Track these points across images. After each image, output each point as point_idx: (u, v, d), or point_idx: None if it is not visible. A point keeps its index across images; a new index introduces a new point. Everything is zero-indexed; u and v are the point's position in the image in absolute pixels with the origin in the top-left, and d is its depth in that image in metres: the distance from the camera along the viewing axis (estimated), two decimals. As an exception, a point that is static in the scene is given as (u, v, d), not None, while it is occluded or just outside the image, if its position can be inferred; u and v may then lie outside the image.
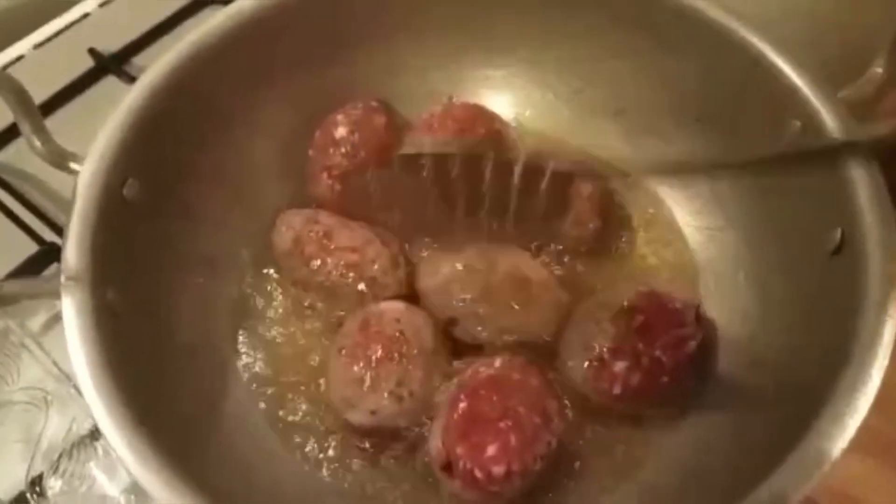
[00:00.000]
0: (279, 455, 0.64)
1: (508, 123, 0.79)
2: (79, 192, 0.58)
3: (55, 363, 0.73)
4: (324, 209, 0.73)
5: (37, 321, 0.77)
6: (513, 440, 0.57)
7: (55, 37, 1.03)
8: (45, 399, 0.71)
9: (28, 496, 0.67)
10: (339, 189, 0.73)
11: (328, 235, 0.69)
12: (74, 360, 0.53)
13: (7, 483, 0.68)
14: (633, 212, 0.75)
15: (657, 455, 0.63)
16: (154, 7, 1.03)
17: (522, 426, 0.57)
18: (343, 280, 0.68)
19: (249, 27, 0.70)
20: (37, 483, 0.68)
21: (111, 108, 0.63)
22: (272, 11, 0.71)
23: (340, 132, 0.73)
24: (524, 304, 0.66)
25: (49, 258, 0.80)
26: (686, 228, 0.74)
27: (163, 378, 0.59)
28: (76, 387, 0.67)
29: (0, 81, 0.63)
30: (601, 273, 0.72)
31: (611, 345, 0.62)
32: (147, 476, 0.50)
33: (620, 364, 0.62)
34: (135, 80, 0.65)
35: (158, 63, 0.66)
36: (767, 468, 0.50)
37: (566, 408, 0.63)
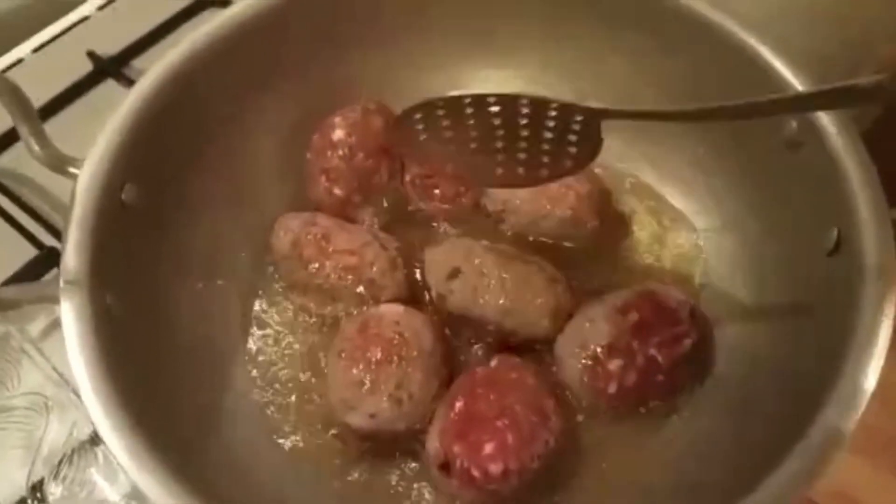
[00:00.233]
0: (278, 458, 0.64)
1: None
2: (77, 196, 0.59)
3: (55, 368, 0.73)
4: (322, 212, 0.73)
5: (36, 326, 0.77)
6: (510, 439, 0.57)
7: (54, 40, 1.03)
8: (46, 404, 0.71)
9: (29, 502, 0.68)
10: (340, 194, 0.73)
11: (326, 238, 0.69)
12: (73, 364, 0.53)
13: (8, 489, 0.69)
14: (631, 212, 0.76)
15: (655, 454, 0.63)
16: (153, 10, 1.03)
17: (520, 425, 0.58)
18: (342, 282, 0.68)
19: (248, 30, 0.71)
20: (37, 489, 0.68)
21: (110, 112, 0.63)
22: (270, 15, 0.71)
23: (338, 135, 0.74)
24: (525, 285, 0.66)
25: (48, 263, 0.81)
26: (683, 228, 0.75)
27: (162, 382, 0.59)
28: (76, 392, 0.68)
29: None
30: (599, 272, 0.72)
31: (605, 343, 0.63)
32: (146, 480, 0.50)
33: (615, 363, 0.62)
34: (134, 84, 0.66)
35: (157, 66, 0.66)
36: (766, 468, 0.50)
37: (563, 407, 0.63)
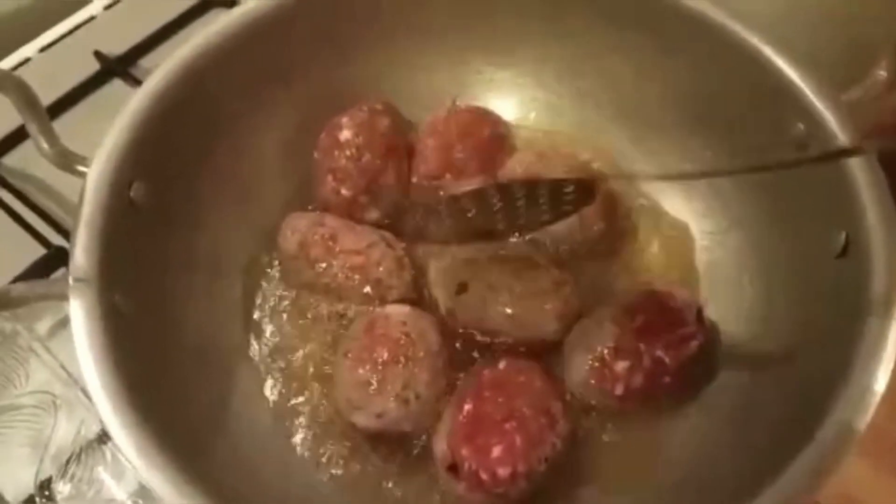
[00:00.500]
0: (285, 457, 0.64)
1: (512, 126, 0.80)
2: (86, 194, 0.59)
3: (63, 367, 0.73)
4: (329, 212, 0.74)
5: (44, 325, 0.77)
6: (518, 441, 0.58)
7: (61, 40, 1.04)
8: (54, 403, 0.72)
9: (37, 500, 0.68)
10: (347, 194, 0.74)
11: (333, 238, 0.70)
12: (82, 362, 0.54)
13: (16, 487, 0.69)
14: (639, 214, 0.76)
15: (662, 456, 0.64)
16: (159, 10, 1.04)
17: (528, 427, 0.58)
18: (348, 282, 0.69)
19: (254, 30, 0.71)
20: (45, 487, 0.68)
21: (116, 112, 0.63)
22: (276, 15, 0.72)
23: (345, 135, 0.74)
24: (533, 292, 0.66)
25: (56, 262, 0.81)
26: (691, 230, 0.75)
27: (169, 379, 0.60)
28: (84, 390, 0.69)
29: (7, 83, 0.63)
30: (606, 275, 0.72)
31: (612, 345, 0.63)
32: (154, 477, 0.51)
33: (622, 364, 0.62)
34: (140, 83, 0.66)
35: (164, 66, 0.67)
36: (773, 471, 0.50)
37: (570, 409, 0.63)
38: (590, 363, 0.63)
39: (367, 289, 0.69)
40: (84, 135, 0.63)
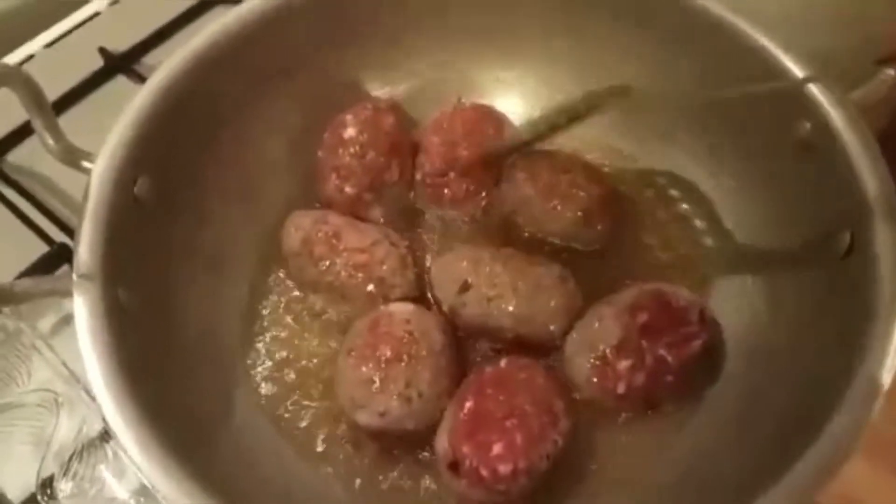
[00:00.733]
0: (287, 454, 0.65)
1: (516, 124, 0.80)
2: (91, 191, 0.60)
3: (65, 365, 0.74)
4: (333, 209, 0.74)
5: (47, 323, 0.78)
6: (519, 439, 0.58)
7: (65, 36, 1.05)
8: (56, 401, 0.72)
9: (39, 498, 0.69)
10: (351, 192, 0.74)
11: (337, 236, 0.70)
12: (85, 357, 0.54)
13: (18, 485, 0.70)
14: (640, 212, 0.76)
15: (665, 456, 0.64)
16: (163, 6, 1.05)
17: (529, 425, 0.58)
18: (352, 280, 0.69)
19: (259, 27, 0.72)
20: (47, 485, 0.69)
21: (121, 108, 0.64)
22: (282, 11, 0.73)
23: (349, 133, 0.74)
24: (536, 289, 0.67)
25: (60, 259, 0.82)
26: (694, 229, 0.75)
27: (172, 376, 0.60)
28: (86, 389, 0.70)
29: (13, 77, 0.63)
30: (607, 272, 0.72)
31: (614, 343, 0.63)
32: (156, 474, 0.51)
33: (624, 363, 0.62)
34: (145, 80, 0.67)
35: (168, 62, 0.67)
36: (777, 471, 0.51)
37: (572, 406, 0.63)
38: (592, 361, 0.64)
39: (371, 287, 0.69)
40: (88, 131, 0.64)
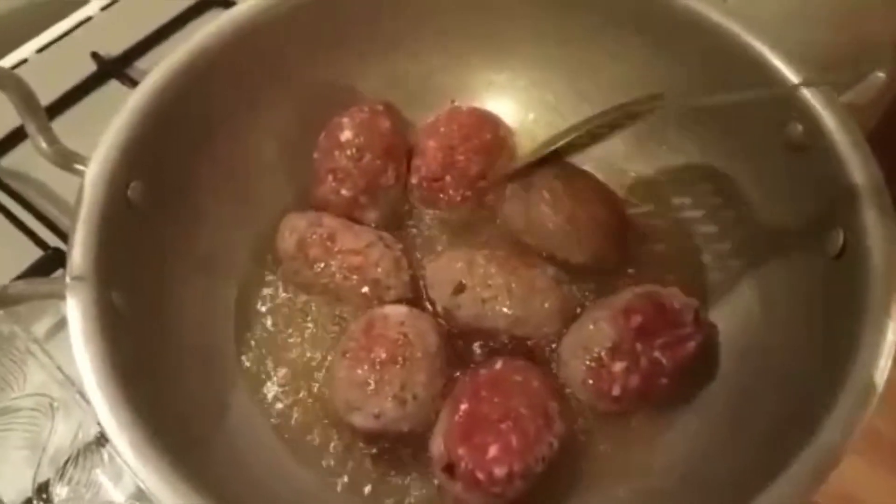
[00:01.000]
0: (282, 457, 0.65)
1: (511, 127, 0.81)
2: (85, 193, 0.60)
3: (60, 369, 0.74)
4: (328, 212, 0.75)
5: (42, 327, 0.79)
6: (514, 441, 0.58)
7: (58, 41, 1.05)
8: (51, 405, 0.73)
9: (35, 503, 0.69)
10: (347, 195, 0.74)
11: (332, 238, 0.71)
12: (79, 360, 0.55)
13: (14, 490, 0.70)
14: (634, 214, 0.76)
15: (660, 457, 0.64)
16: (156, 11, 1.05)
17: (524, 427, 0.59)
18: (346, 282, 0.70)
19: (252, 30, 0.72)
20: (43, 490, 0.69)
21: (112, 113, 0.64)
22: (275, 14, 0.73)
23: (346, 135, 0.75)
24: (531, 291, 0.67)
25: (54, 263, 0.82)
26: (687, 231, 0.75)
27: (167, 379, 0.61)
28: (81, 393, 0.70)
29: (6, 81, 0.63)
30: (603, 275, 0.72)
31: (609, 346, 0.63)
32: (151, 478, 0.51)
33: (619, 365, 0.63)
34: (137, 84, 0.67)
35: (161, 66, 0.68)
36: (771, 473, 0.51)
37: (567, 409, 0.64)
38: (587, 364, 0.64)
39: (366, 289, 0.70)
40: (80, 136, 0.64)
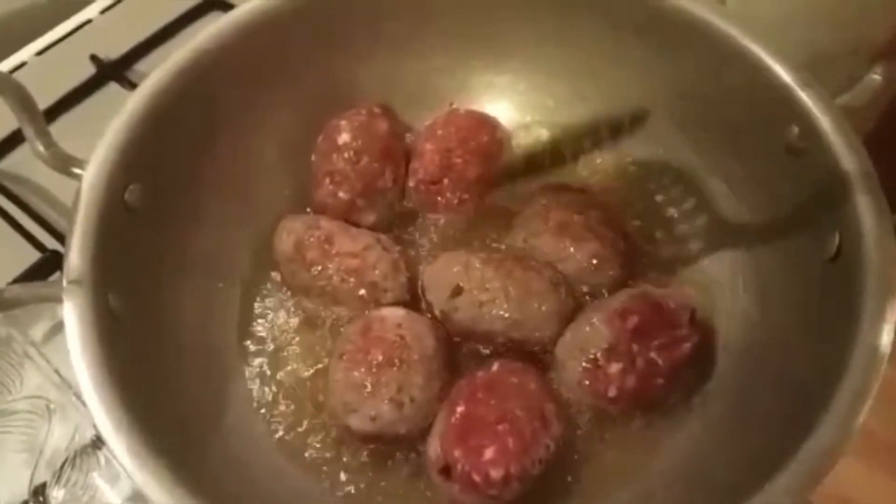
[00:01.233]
0: (278, 459, 0.66)
1: (509, 130, 0.81)
2: (82, 196, 0.61)
3: (57, 371, 0.74)
4: (326, 214, 0.75)
5: (39, 330, 0.79)
6: (511, 443, 0.58)
7: (57, 44, 1.06)
8: (48, 408, 0.73)
9: (31, 505, 0.69)
10: (344, 197, 0.75)
11: (329, 240, 0.71)
12: (75, 364, 0.55)
13: (10, 492, 0.70)
14: (632, 215, 0.77)
15: (657, 459, 0.64)
16: (155, 13, 1.06)
17: (521, 429, 0.59)
18: (344, 285, 0.70)
19: (251, 33, 0.73)
20: (40, 492, 0.70)
21: (112, 116, 0.65)
22: (274, 17, 0.73)
23: (343, 138, 0.75)
24: (528, 294, 0.67)
25: (51, 266, 0.83)
26: (684, 233, 0.75)
27: (164, 383, 0.61)
28: (78, 396, 0.70)
29: (3, 85, 0.64)
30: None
31: (605, 347, 0.64)
32: (147, 481, 0.51)
33: (615, 366, 0.63)
34: (136, 87, 0.68)
35: (160, 68, 0.68)
36: (768, 473, 0.51)
37: (564, 411, 0.64)
38: (583, 365, 0.64)
39: (363, 291, 0.70)
40: (79, 139, 0.64)
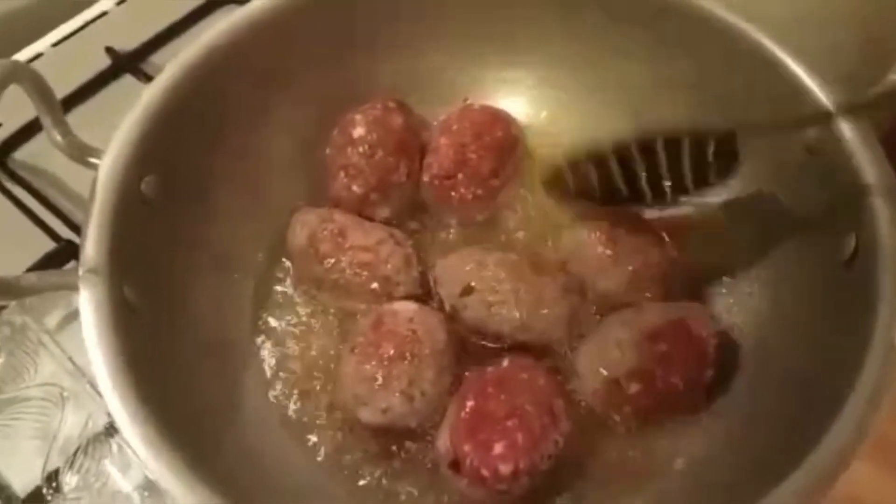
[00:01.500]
0: (291, 450, 0.66)
1: (524, 125, 0.81)
2: (98, 186, 0.61)
3: (71, 359, 0.76)
4: (340, 208, 0.75)
5: (53, 318, 0.80)
6: (520, 439, 0.59)
7: (73, 35, 1.06)
8: (62, 395, 0.74)
9: (44, 491, 0.70)
10: (358, 191, 0.75)
11: (342, 234, 0.71)
12: (91, 353, 0.55)
13: (24, 478, 0.71)
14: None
15: (667, 458, 0.65)
16: (170, 6, 1.06)
17: (530, 425, 0.59)
18: (356, 278, 0.70)
19: (266, 26, 0.73)
20: (53, 478, 0.71)
21: (128, 107, 0.65)
22: (289, 11, 0.74)
23: (358, 132, 0.76)
24: (539, 298, 0.67)
25: (66, 255, 0.83)
26: (699, 234, 0.74)
27: (178, 373, 0.62)
28: (91, 383, 0.71)
29: (21, 74, 0.64)
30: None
31: (629, 369, 0.64)
32: (160, 469, 0.52)
33: (635, 387, 0.64)
34: (151, 79, 0.68)
35: (176, 61, 0.69)
36: (780, 474, 0.52)
37: (573, 408, 0.65)
38: (604, 380, 0.65)
39: (375, 285, 0.70)
40: (94, 130, 0.65)
